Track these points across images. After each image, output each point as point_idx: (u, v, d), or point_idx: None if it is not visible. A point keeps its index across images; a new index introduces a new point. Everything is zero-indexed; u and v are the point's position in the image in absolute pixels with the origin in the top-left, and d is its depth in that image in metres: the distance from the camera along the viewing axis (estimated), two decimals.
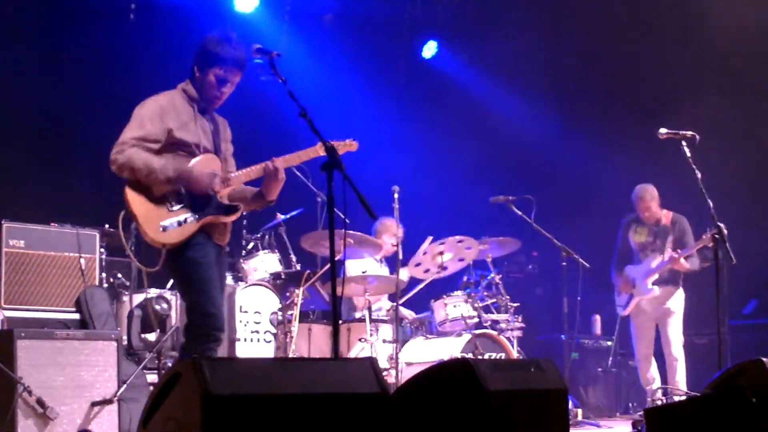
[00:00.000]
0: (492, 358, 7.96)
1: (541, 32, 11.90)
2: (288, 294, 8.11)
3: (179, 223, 5.35)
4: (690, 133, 7.37)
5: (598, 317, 10.83)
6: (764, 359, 4.84)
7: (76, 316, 7.32)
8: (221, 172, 5.57)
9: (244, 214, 6.61)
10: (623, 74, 11.56)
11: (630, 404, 10.06)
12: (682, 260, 8.99)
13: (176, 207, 5.37)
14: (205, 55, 5.52)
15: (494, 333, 8.24)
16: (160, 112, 5.41)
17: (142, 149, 5.31)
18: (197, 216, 5.40)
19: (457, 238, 8.38)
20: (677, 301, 9.17)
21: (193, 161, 5.46)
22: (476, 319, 8.36)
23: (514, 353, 8.20)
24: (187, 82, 5.61)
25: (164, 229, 5.31)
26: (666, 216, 9.26)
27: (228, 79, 5.54)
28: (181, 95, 5.57)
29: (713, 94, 10.85)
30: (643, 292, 9.15)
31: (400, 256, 8.15)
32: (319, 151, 5.71)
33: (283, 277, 8.52)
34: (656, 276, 9.12)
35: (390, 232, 8.92)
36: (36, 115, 9.68)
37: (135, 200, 5.33)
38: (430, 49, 12.48)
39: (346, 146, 6.01)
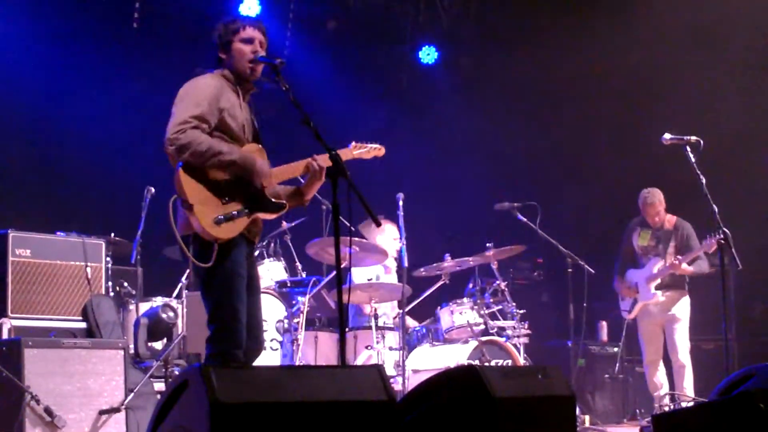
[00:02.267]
0: (499, 365, 7.95)
1: (538, 42, 11.90)
2: (294, 302, 8.12)
3: (232, 217, 5.04)
4: (694, 138, 7.35)
5: (604, 323, 10.81)
6: None
7: (83, 324, 7.33)
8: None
9: None
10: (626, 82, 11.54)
11: (637, 410, 10.03)
12: (684, 265, 8.98)
13: (228, 199, 5.07)
14: (222, 35, 5.31)
15: (501, 340, 8.24)
16: (214, 92, 5.13)
17: (203, 131, 5.02)
18: (248, 210, 5.12)
19: (467, 259, 8.44)
20: (683, 307, 9.16)
21: (243, 150, 5.20)
22: (482, 326, 8.36)
23: (521, 360, 8.20)
24: (222, 70, 5.32)
25: (218, 222, 4.99)
26: (669, 221, 9.25)
27: (253, 37, 5.27)
28: (223, 80, 5.28)
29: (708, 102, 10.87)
30: (646, 297, 9.13)
31: (405, 263, 8.15)
32: (352, 152, 5.65)
33: (288, 285, 8.52)
34: (658, 281, 9.11)
35: (378, 234, 8.86)
36: (42, 123, 9.70)
37: (190, 187, 4.98)
38: (429, 55, 12.50)
39: (373, 151, 5.86)
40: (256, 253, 8.74)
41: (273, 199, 5.27)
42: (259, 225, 5.37)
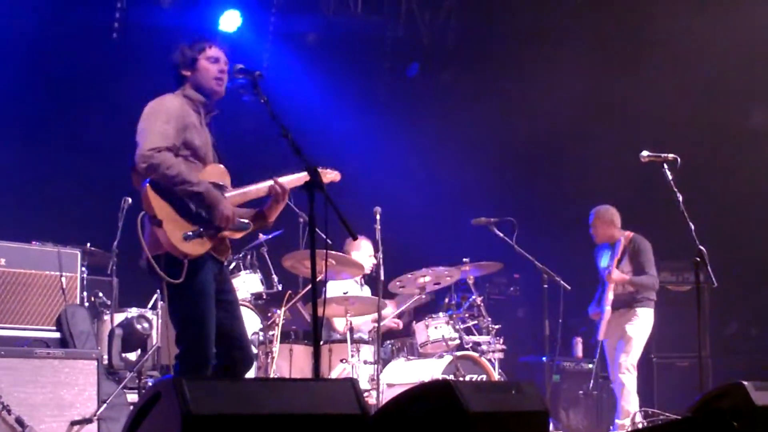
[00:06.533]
0: (473, 380, 7.95)
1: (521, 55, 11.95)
2: (269, 314, 8.10)
3: (200, 233, 5.05)
4: (672, 156, 7.35)
5: (579, 339, 10.81)
6: (745, 383, 4.85)
7: (57, 334, 7.29)
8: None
9: None
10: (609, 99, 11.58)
11: (611, 427, 10.05)
12: (615, 274, 8.92)
13: (196, 217, 5.10)
14: (187, 53, 5.34)
15: (475, 355, 8.24)
16: (178, 110, 5.18)
17: (174, 152, 5.06)
18: (215, 228, 5.13)
19: (442, 269, 8.43)
20: (636, 325, 8.96)
21: (207, 170, 5.26)
22: (458, 341, 8.36)
23: (496, 375, 8.20)
24: (184, 88, 5.35)
25: (187, 238, 5.01)
26: (626, 237, 9.12)
27: (218, 56, 5.33)
28: (185, 100, 5.31)
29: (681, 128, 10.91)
30: (604, 316, 9.02)
31: (382, 277, 8.16)
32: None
33: (264, 297, 8.50)
34: (610, 297, 8.99)
35: (356, 250, 8.87)
36: (18, 133, 9.66)
37: (159, 204, 5.01)
38: (411, 69, 12.56)
39: (328, 176, 5.85)
40: (233, 265, 8.79)
41: (239, 219, 5.28)
42: (227, 244, 5.38)
